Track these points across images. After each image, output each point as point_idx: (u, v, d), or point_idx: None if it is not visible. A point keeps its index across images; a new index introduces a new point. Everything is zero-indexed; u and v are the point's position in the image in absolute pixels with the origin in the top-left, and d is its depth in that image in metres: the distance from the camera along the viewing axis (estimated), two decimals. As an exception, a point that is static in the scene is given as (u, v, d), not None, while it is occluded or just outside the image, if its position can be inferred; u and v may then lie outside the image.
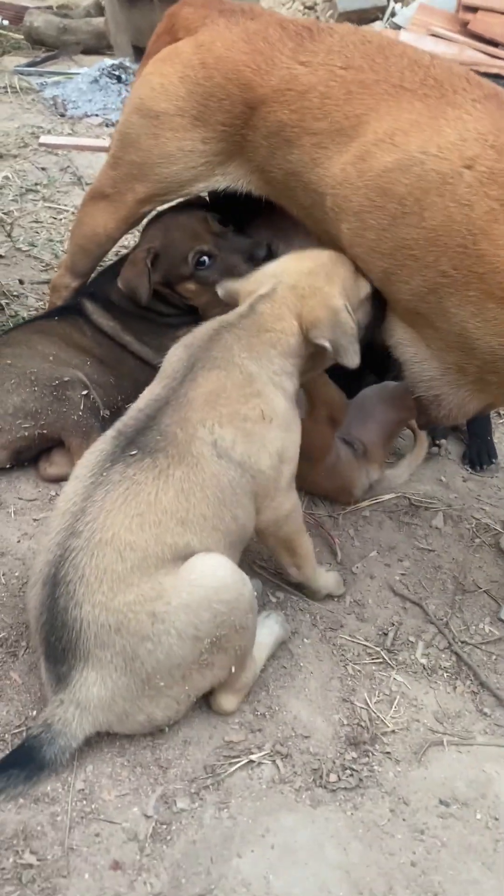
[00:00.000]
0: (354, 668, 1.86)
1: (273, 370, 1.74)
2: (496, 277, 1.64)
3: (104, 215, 2.33)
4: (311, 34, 1.94)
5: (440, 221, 1.69)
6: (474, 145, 1.66)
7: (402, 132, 1.74)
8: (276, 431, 1.71)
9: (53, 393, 2.21)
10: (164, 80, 2.08)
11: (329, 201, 1.88)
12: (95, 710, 1.49)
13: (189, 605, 1.48)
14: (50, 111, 5.46)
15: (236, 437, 1.64)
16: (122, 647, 1.47)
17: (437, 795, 1.60)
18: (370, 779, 1.61)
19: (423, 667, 1.90)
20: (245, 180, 2.11)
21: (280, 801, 1.55)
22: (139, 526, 1.50)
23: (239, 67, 1.96)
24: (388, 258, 1.80)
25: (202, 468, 1.58)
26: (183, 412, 1.63)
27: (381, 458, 2.37)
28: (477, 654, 1.97)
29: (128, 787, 1.54)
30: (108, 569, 1.48)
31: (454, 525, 2.39)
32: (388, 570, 2.19)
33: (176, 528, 1.53)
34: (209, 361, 1.69)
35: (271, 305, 1.76)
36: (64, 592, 1.48)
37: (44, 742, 1.46)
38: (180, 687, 1.53)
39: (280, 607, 2.00)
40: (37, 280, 3.38)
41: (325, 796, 1.57)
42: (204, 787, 1.55)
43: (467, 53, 6.61)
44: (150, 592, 1.47)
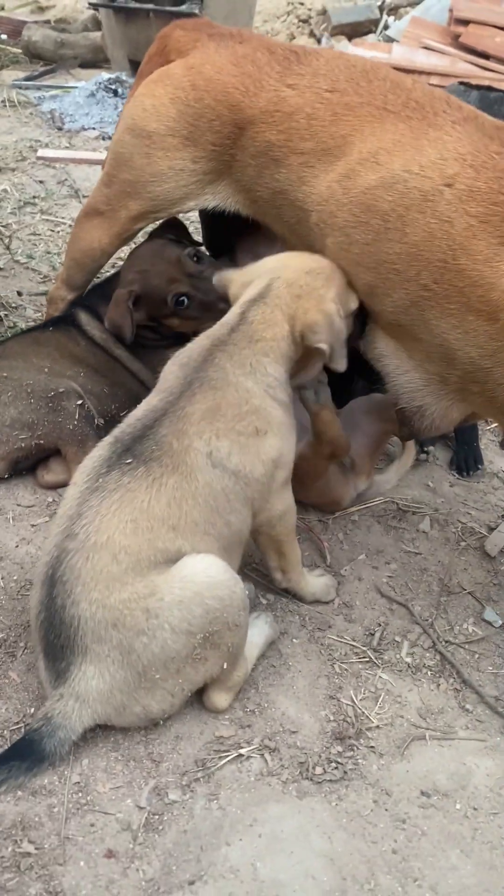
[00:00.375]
0: (341, 667, 1.93)
1: (268, 382, 1.80)
2: (475, 291, 1.72)
3: (99, 231, 2.41)
4: (297, 58, 2.02)
5: (421, 237, 1.77)
6: (454, 164, 1.74)
7: (386, 152, 1.82)
8: (271, 441, 1.78)
9: (49, 404, 2.28)
10: (155, 101, 2.16)
11: (315, 217, 1.96)
12: (94, 703, 1.56)
13: (182, 602, 1.55)
14: (48, 125, 5.55)
15: (232, 448, 1.71)
16: (118, 642, 1.54)
17: (418, 787, 1.67)
18: (354, 771, 1.68)
19: (407, 665, 1.97)
20: (233, 199, 2.19)
21: (268, 792, 1.62)
22: (133, 531, 1.57)
23: (228, 89, 2.04)
24: (371, 272, 1.88)
25: (195, 477, 1.65)
26: (180, 424, 1.69)
27: (368, 469, 2.43)
28: (460, 652, 2.03)
29: (122, 779, 1.61)
30: (103, 570, 1.55)
31: (441, 529, 2.46)
32: (376, 572, 2.25)
33: (167, 534, 1.60)
34: (206, 382, 1.74)
35: (263, 311, 1.81)
36: (61, 592, 1.56)
37: (44, 735, 1.53)
38: (174, 680, 1.60)
39: (270, 609, 2.07)
40: (35, 291, 3.46)
41: (311, 788, 1.63)
42: (195, 780, 1.62)
43: (459, 66, 6.71)
44: (143, 590, 1.54)
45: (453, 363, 1.85)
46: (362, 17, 7.71)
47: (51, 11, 8.29)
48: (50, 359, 2.39)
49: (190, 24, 2.33)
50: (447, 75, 6.58)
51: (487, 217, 1.69)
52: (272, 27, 8.13)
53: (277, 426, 1.80)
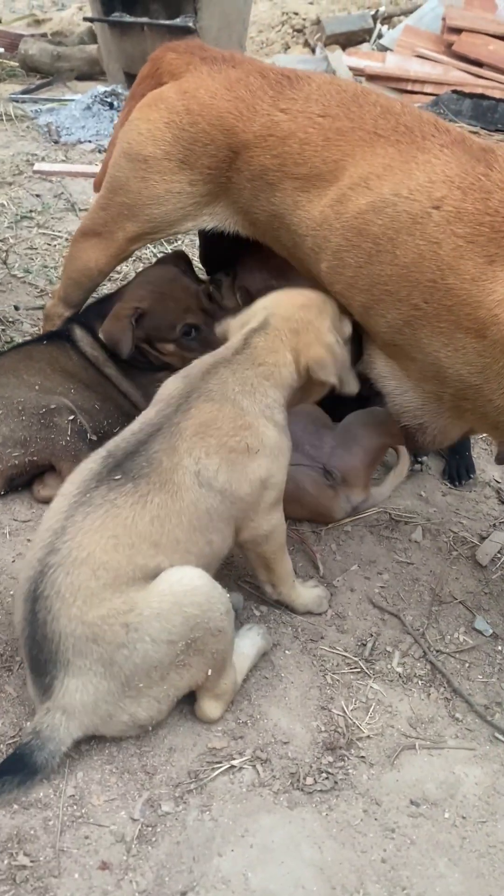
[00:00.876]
0: (333, 678, 1.96)
1: (266, 403, 1.84)
2: (463, 309, 1.75)
3: (95, 252, 2.44)
4: (290, 82, 2.05)
5: (411, 259, 1.81)
6: (442, 187, 1.78)
7: (376, 176, 1.86)
8: (260, 460, 1.81)
9: (41, 421, 2.31)
10: (150, 126, 2.20)
11: (309, 242, 2.00)
12: (80, 715, 1.59)
13: (160, 614, 1.58)
14: (44, 138, 5.59)
15: (220, 466, 1.74)
16: (99, 655, 1.58)
17: (408, 796, 1.70)
18: (345, 781, 1.71)
19: (398, 675, 2.00)
20: (231, 220, 2.23)
21: (259, 803, 1.64)
22: (113, 547, 1.60)
23: (222, 114, 2.08)
24: (365, 293, 1.92)
25: (181, 496, 1.68)
26: (173, 440, 1.73)
27: (364, 482, 2.46)
28: (451, 662, 2.06)
29: (116, 792, 1.64)
30: (82, 586, 1.58)
31: (432, 538, 2.49)
32: (368, 583, 2.28)
33: (148, 551, 1.63)
34: (205, 393, 1.79)
35: (265, 338, 1.87)
36: (42, 607, 1.59)
37: (34, 748, 1.56)
38: (159, 687, 1.63)
39: (263, 620, 2.10)
40: (32, 306, 3.49)
41: (302, 798, 1.66)
42: (188, 792, 1.65)
43: (452, 74, 6.77)
44: (122, 606, 1.58)
45: (446, 381, 1.89)
46: (356, 26, 7.77)
47: (47, 24, 8.35)
48: (41, 374, 2.42)
49: (182, 46, 2.36)
50: (441, 83, 6.64)
51: (474, 237, 1.73)
52: (267, 37, 8.19)
53: (270, 447, 1.83)
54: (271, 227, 2.14)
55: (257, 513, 1.85)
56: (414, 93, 6.65)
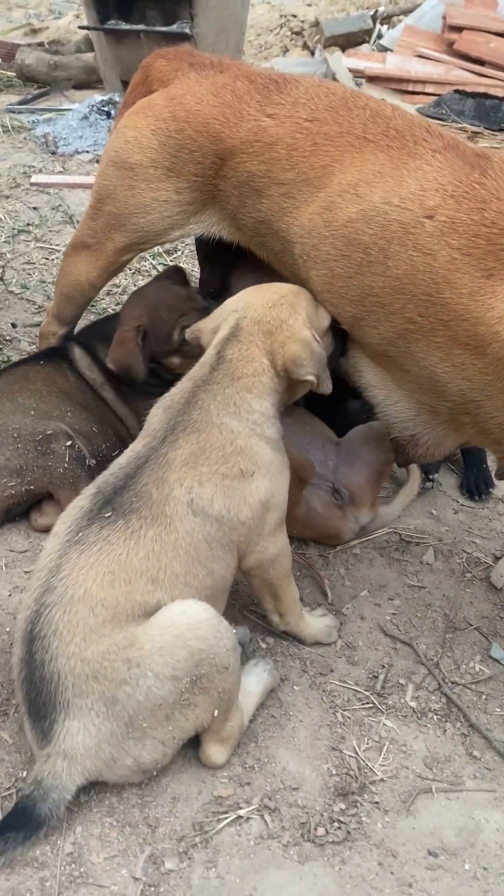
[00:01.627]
0: (344, 715, 1.87)
1: (254, 420, 1.76)
2: (461, 325, 1.66)
3: (86, 265, 2.37)
4: (277, 86, 1.98)
5: (404, 270, 1.72)
6: (435, 195, 1.69)
7: (366, 183, 1.77)
8: (258, 482, 1.73)
9: (38, 448, 2.23)
10: (137, 133, 2.13)
11: (298, 249, 1.92)
12: (83, 759, 1.50)
13: (163, 647, 1.51)
14: (41, 149, 5.52)
15: (215, 493, 1.67)
16: (100, 693, 1.50)
17: (425, 846, 1.60)
18: (358, 831, 1.62)
19: (412, 710, 1.91)
20: (218, 227, 2.16)
21: (268, 857, 1.55)
22: (110, 584, 1.54)
23: (208, 120, 2.01)
24: (356, 305, 1.84)
25: (175, 528, 1.61)
26: (161, 472, 1.66)
27: (371, 500, 2.37)
28: (467, 694, 1.97)
29: (116, 848, 1.55)
30: (80, 623, 1.51)
31: (445, 560, 2.39)
32: (379, 609, 2.19)
33: (146, 587, 1.56)
34: (189, 425, 1.71)
35: (238, 348, 1.78)
36: (40, 647, 1.52)
37: (37, 799, 1.48)
38: (164, 728, 1.55)
39: (270, 653, 2.01)
40: (30, 323, 3.42)
41: (313, 851, 1.57)
42: (192, 846, 1.56)
43: (454, 73, 6.67)
44: (122, 641, 1.51)
45: (443, 395, 1.80)
46: (355, 27, 7.67)
47: (44, 33, 8.27)
48: (37, 397, 2.34)
49: (172, 52, 2.29)
50: (442, 83, 6.54)
51: (469, 249, 1.64)
52: (265, 41, 8.10)
53: (266, 466, 1.75)
54: (258, 233, 2.07)
55: (262, 536, 1.76)
56: (415, 93, 6.55)
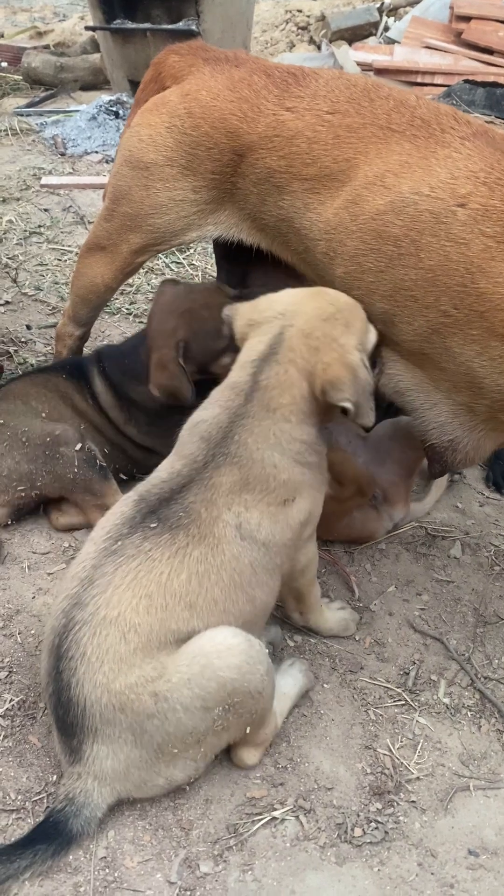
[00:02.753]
0: (376, 713, 1.84)
1: (296, 450, 1.64)
2: (498, 315, 1.62)
3: (101, 266, 2.34)
4: (296, 79, 1.94)
5: (437, 261, 1.67)
6: (466, 183, 1.65)
7: (393, 174, 1.73)
8: (300, 504, 1.67)
9: (46, 452, 2.18)
10: (151, 131, 2.09)
11: (323, 246, 1.88)
12: (113, 782, 1.48)
13: (190, 679, 1.45)
14: (50, 151, 5.51)
15: (262, 520, 1.61)
16: (128, 724, 1.46)
17: (465, 845, 1.57)
18: (396, 831, 1.58)
19: (446, 707, 1.87)
20: (237, 228, 2.10)
21: (305, 859, 1.52)
22: (146, 609, 1.47)
23: (225, 116, 1.96)
24: (388, 300, 1.79)
25: (222, 550, 1.55)
26: (209, 493, 1.58)
27: (404, 498, 2.33)
28: (500, 689, 1.93)
29: (150, 852, 1.52)
30: (109, 649, 1.45)
31: (472, 554, 2.35)
32: (407, 605, 2.16)
33: (182, 613, 1.49)
34: (230, 457, 1.61)
35: (276, 371, 1.62)
36: (66, 668, 1.47)
37: (69, 815, 1.45)
38: (196, 750, 1.52)
39: (298, 651, 1.98)
40: (44, 324, 3.40)
41: (351, 852, 1.54)
42: (227, 849, 1.53)
43: (463, 63, 6.61)
44: (151, 673, 1.45)
45: (481, 392, 1.75)
46: (362, 20, 7.62)
47: (50, 36, 8.27)
48: (49, 404, 2.28)
49: (184, 48, 2.25)
50: (451, 74, 6.48)
51: None
52: (271, 37, 8.06)
53: (307, 489, 1.68)
54: (280, 232, 2.02)
55: (297, 549, 1.72)
56: (424, 84, 6.49)
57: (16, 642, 1.95)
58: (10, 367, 3.01)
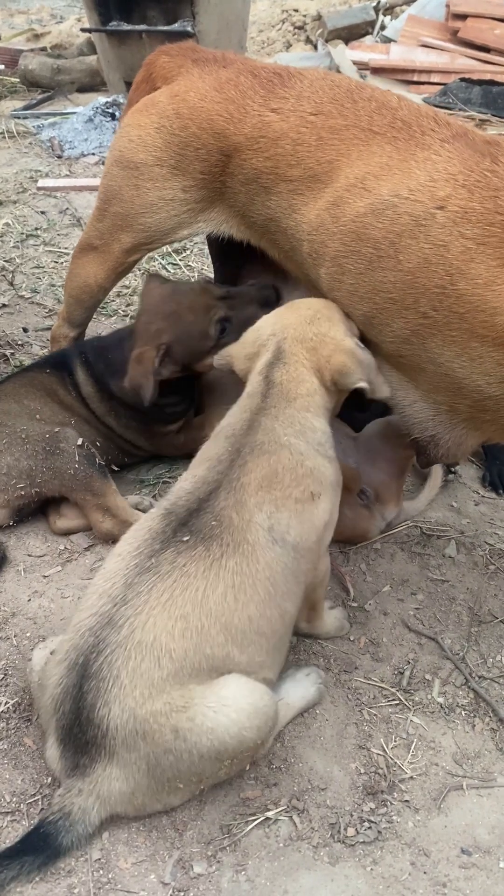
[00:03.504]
0: (370, 713, 1.84)
1: (318, 440, 1.69)
2: (478, 316, 1.62)
3: (94, 266, 2.35)
4: (281, 80, 1.94)
5: (416, 263, 1.68)
6: (445, 185, 1.65)
7: (373, 176, 1.73)
8: (324, 504, 1.68)
9: (46, 448, 2.19)
10: (141, 132, 2.11)
11: (306, 247, 1.88)
12: (115, 803, 1.48)
13: (214, 730, 1.44)
14: (47, 153, 5.52)
15: (291, 520, 1.61)
16: (146, 753, 1.45)
17: (458, 844, 1.57)
18: (389, 830, 1.59)
19: (440, 706, 1.88)
20: (227, 225, 2.13)
21: (298, 859, 1.53)
22: (181, 632, 1.46)
23: (212, 117, 1.98)
24: (367, 302, 1.80)
25: (257, 558, 1.54)
26: (238, 496, 1.58)
27: (396, 496, 2.33)
28: (495, 688, 1.93)
29: (144, 853, 1.53)
30: (143, 674, 1.44)
31: (467, 553, 2.36)
32: (402, 605, 2.16)
33: (217, 637, 1.48)
34: (256, 447, 1.63)
35: (286, 370, 1.71)
36: (94, 688, 1.45)
37: (61, 829, 1.44)
38: (197, 786, 1.53)
39: (293, 651, 1.98)
40: (41, 327, 3.41)
41: (344, 852, 1.54)
42: (220, 849, 1.54)
43: (459, 61, 6.61)
44: (178, 700, 1.44)
45: (461, 392, 1.76)
46: (358, 19, 7.61)
47: (46, 38, 8.26)
48: (40, 402, 2.29)
49: (175, 49, 2.26)
50: (448, 72, 6.48)
51: (485, 238, 1.60)
52: (267, 36, 8.06)
53: (330, 487, 1.70)
54: (267, 231, 2.04)
55: (319, 557, 1.72)
56: (421, 83, 6.49)
57: (11, 645, 1.95)
58: (5, 370, 3.02)
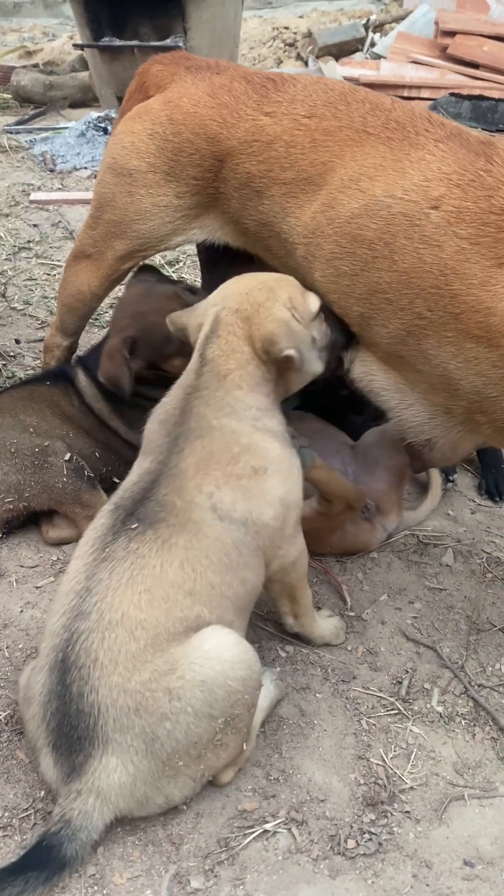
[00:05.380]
0: (369, 722, 1.81)
1: (252, 415, 1.70)
2: (473, 317, 1.61)
3: (87, 274, 2.33)
4: (274, 85, 1.94)
5: (411, 264, 1.67)
6: (439, 185, 1.64)
7: (367, 177, 1.73)
8: (273, 479, 1.67)
9: (35, 462, 2.17)
10: (134, 138, 2.10)
11: (301, 250, 1.88)
12: (116, 798, 1.44)
13: (204, 682, 1.44)
14: (40, 167, 5.53)
15: (235, 496, 1.61)
16: (141, 729, 1.43)
17: (460, 855, 1.54)
18: (390, 842, 1.55)
19: (439, 715, 1.85)
20: (222, 231, 2.11)
21: (297, 873, 1.49)
22: (148, 603, 1.47)
23: (206, 122, 1.97)
24: (363, 303, 1.79)
25: (205, 534, 1.56)
26: (177, 482, 1.60)
27: (396, 505, 2.31)
28: (494, 696, 1.91)
29: (140, 867, 1.49)
30: (121, 649, 1.44)
31: (464, 561, 2.34)
32: (400, 613, 2.14)
33: (184, 601, 1.50)
34: (189, 433, 1.66)
35: (218, 344, 1.72)
36: (77, 678, 1.44)
37: (63, 839, 1.40)
38: (196, 766, 1.49)
39: (290, 661, 1.95)
40: (33, 339, 3.40)
41: (344, 864, 1.51)
42: (218, 863, 1.50)
43: (449, 77, 6.67)
44: (163, 666, 1.44)
45: (457, 394, 1.74)
46: (348, 36, 7.69)
47: (39, 55, 8.32)
48: (39, 416, 2.27)
49: (168, 58, 2.27)
50: (437, 87, 6.53)
51: (479, 238, 1.59)
52: (259, 53, 8.13)
53: (277, 461, 1.69)
54: (261, 237, 2.02)
55: (284, 538, 1.71)
56: (411, 98, 6.54)
57: (3, 657, 1.92)
58: (-2, 382, 3.00)
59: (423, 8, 7.61)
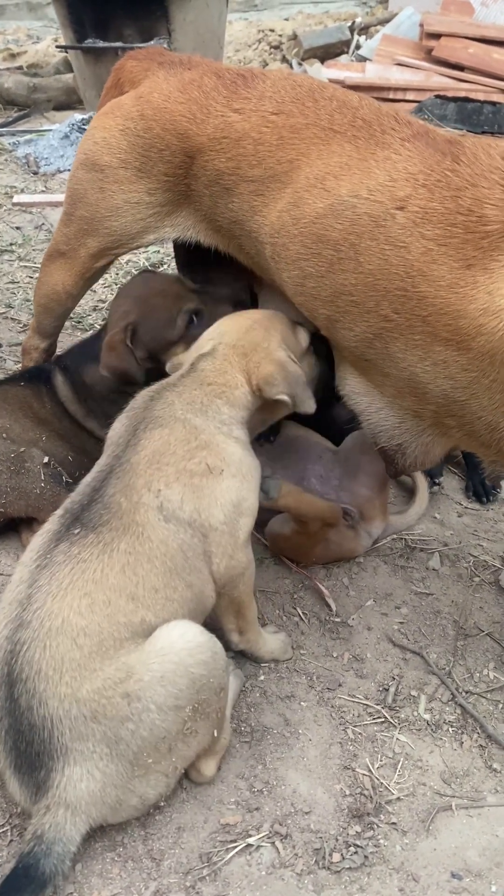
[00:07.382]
0: (355, 731, 1.78)
1: (221, 419, 1.70)
2: (441, 319, 1.56)
3: (61, 273, 2.29)
4: (245, 81, 1.91)
5: (377, 265, 1.63)
6: (405, 185, 1.60)
7: (333, 176, 1.69)
8: (228, 481, 1.64)
9: (11, 468, 2.12)
10: (106, 134, 2.06)
11: (269, 250, 1.84)
12: (88, 807, 1.39)
13: (164, 677, 1.41)
14: (23, 170, 5.48)
15: (184, 494, 1.58)
16: (102, 734, 1.39)
17: (448, 868, 1.51)
18: (376, 855, 1.52)
19: (426, 723, 1.81)
20: (194, 229, 2.07)
21: (281, 888, 1.45)
22: (89, 608, 1.43)
23: (175, 118, 1.93)
24: (329, 305, 1.75)
25: (148, 537, 1.52)
26: (127, 479, 1.57)
27: (381, 511, 2.27)
28: (482, 703, 1.87)
29: (119, 885, 1.45)
30: (64, 658, 1.39)
31: (451, 565, 2.31)
32: (386, 619, 2.10)
33: (127, 606, 1.46)
34: (151, 421, 1.64)
35: (213, 362, 1.76)
36: (24, 691, 1.39)
37: (39, 856, 1.35)
38: (168, 760, 1.46)
39: (273, 670, 1.91)
40: (15, 342, 3.34)
41: (330, 879, 1.47)
42: (200, 879, 1.46)
43: (434, 79, 6.66)
44: (117, 674, 1.40)
45: (425, 397, 1.70)
46: (333, 38, 7.67)
47: (23, 57, 8.25)
48: (12, 419, 2.21)
49: (142, 53, 2.23)
50: (423, 90, 6.53)
51: (446, 239, 1.54)
52: (244, 56, 8.10)
53: (236, 465, 1.66)
54: (233, 235, 1.99)
55: (237, 546, 1.66)
56: (396, 101, 6.53)
57: (-20, 667, 1.87)
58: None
59: (408, 10, 7.60)
